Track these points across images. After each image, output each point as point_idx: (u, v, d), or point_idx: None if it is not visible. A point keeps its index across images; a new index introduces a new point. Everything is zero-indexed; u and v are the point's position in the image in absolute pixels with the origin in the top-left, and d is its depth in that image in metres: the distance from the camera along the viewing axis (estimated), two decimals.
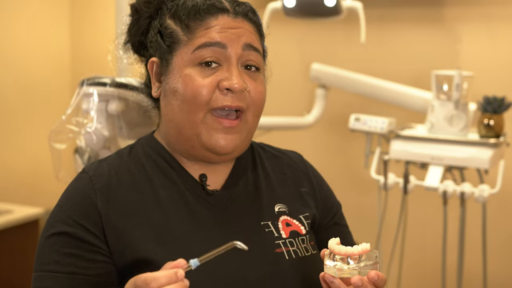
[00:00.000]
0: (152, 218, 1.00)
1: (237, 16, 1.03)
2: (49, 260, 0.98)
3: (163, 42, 1.04)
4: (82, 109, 1.81)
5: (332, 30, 2.91)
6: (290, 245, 1.07)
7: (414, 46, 2.80)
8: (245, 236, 1.04)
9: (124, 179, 1.04)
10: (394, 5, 2.82)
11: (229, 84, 0.99)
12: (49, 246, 0.99)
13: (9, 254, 2.73)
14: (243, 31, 1.03)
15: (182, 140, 1.05)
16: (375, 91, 2.50)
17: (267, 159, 1.17)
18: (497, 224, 2.68)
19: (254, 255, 1.02)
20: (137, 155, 1.09)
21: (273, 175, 1.15)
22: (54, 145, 1.83)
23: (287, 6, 2.37)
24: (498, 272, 2.71)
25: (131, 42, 1.15)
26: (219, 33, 1.00)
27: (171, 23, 1.05)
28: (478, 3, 2.67)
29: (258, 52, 1.05)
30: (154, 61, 1.07)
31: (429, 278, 2.82)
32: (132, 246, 0.98)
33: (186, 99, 1.00)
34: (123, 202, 1.01)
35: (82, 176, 1.05)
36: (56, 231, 0.99)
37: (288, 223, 1.10)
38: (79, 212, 1.00)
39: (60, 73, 3.50)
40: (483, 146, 2.13)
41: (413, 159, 2.23)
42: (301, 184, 1.17)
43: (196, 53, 1.00)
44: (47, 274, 0.98)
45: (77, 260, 0.97)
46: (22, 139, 3.29)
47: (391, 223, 2.65)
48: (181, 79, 1.01)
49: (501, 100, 2.15)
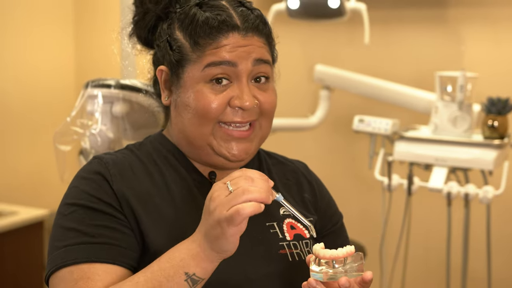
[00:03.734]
0: (164, 212, 1.00)
1: (247, 32, 1.02)
2: (77, 234, 0.95)
3: (172, 55, 1.04)
4: (86, 111, 1.81)
5: (335, 32, 2.91)
6: (294, 247, 1.07)
7: (418, 47, 2.79)
8: (250, 235, 1.03)
9: (138, 170, 1.04)
10: (398, 6, 2.82)
11: (240, 103, 1.00)
12: (73, 221, 0.96)
13: (15, 255, 2.74)
14: (253, 48, 1.02)
15: (195, 149, 1.06)
16: (379, 92, 2.49)
17: (272, 165, 1.18)
18: (501, 225, 2.67)
19: (258, 255, 1.02)
20: (147, 151, 1.09)
21: (278, 180, 1.16)
22: (58, 147, 1.84)
23: (291, 8, 2.37)
24: (503, 273, 2.70)
25: (137, 35, 1.13)
26: (229, 53, 1.00)
27: (180, 36, 1.03)
28: (481, 4, 2.66)
29: (268, 63, 1.05)
30: (163, 69, 1.06)
31: (433, 279, 2.81)
32: (146, 234, 0.98)
33: (197, 114, 1.01)
34: (137, 190, 1.01)
35: (95, 161, 1.04)
36: (80, 205, 0.97)
37: (293, 226, 1.10)
38: (100, 190, 0.99)
39: (64, 76, 3.51)
40: (487, 147, 2.13)
41: (417, 160, 2.23)
42: (304, 190, 1.17)
43: (206, 70, 1.00)
44: (78, 247, 0.94)
45: (107, 231, 0.95)
46: (26, 141, 3.30)
47: (395, 224, 2.65)
48: (193, 95, 1.01)
49: (505, 101, 2.15)
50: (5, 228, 2.66)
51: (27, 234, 2.78)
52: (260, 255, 1.03)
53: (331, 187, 1.24)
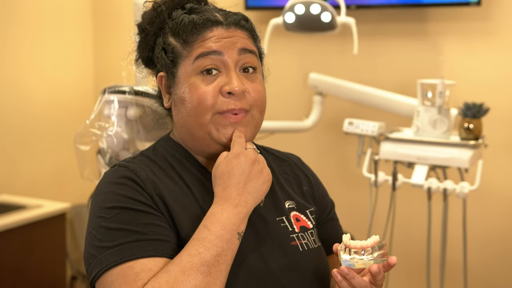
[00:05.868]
0: (190, 209, 0.99)
1: (229, 26, 1.02)
2: (127, 233, 0.91)
3: (167, 58, 1.03)
4: (104, 115, 1.81)
5: (328, 43, 2.91)
6: (302, 238, 1.06)
7: (401, 58, 2.79)
8: (267, 231, 1.03)
9: (159, 174, 1.01)
10: (383, 21, 2.82)
11: (230, 88, 0.98)
12: (119, 222, 0.92)
13: (40, 243, 2.75)
14: (237, 38, 1.01)
15: (197, 141, 1.04)
16: (367, 98, 2.49)
17: (272, 160, 1.17)
18: (476, 217, 2.67)
19: (274, 248, 1.01)
20: (162, 155, 1.07)
21: (279, 175, 1.14)
22: (79, 147, 1.83)
23: (287, 22, 2.36)
24: (477, 261, 2.70)
25: (142, 58, 1.13)
26: (215, 43, 0.99)
27: (173, 40, 1.03)
28: (458, 19, 2.66)
29: (253, 53, 1.03)
30: (162, 75, 1.06)
31: (415, 266, 2.81)
32: (180, 230, 0.96)
33: (193, 105, 1.00)
34: (165, 191, 0.98)
35: (122, 168, 1.00)
36: (122, 208, 0.93)
37: (298, 218, 1.09)
38: (136, 193, 0.95)
39: (84, 83, 3.51)
40: (463, 147, 2.13)
41: (401, 159, 2.22)
42: (302, 183, 1.16)
43: (196, 62, 0.99)
44: (131, 244, 0.90)
45: (155, 228, 0.93)
46: (50, 141, 3.30)
47: (381, 216, 2.65)
48: (187, 88, 1.00)
49: (480, 106, 2.15)
50: (31, 220, 2.67)
51: (51, 225, 2.79)
52: (277, 248, 1.02)
53: (324, 182, 1.23)
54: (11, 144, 3.11)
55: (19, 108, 3.14)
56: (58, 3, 3.33)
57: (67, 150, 3.26)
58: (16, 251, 2.63)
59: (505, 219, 2.66)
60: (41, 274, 2.77)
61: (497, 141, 2.56)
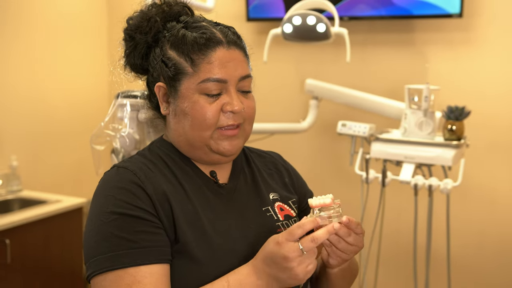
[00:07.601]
0: (184, 206, 0.99)
1: (230, 46, 1.01)
2: (120, 241, 0.91)
3: (169, 71, 1.02)
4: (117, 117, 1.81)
5: (323, 52, 2.91)
6: (286, 226, 1.08)
7: (390, 65, 2.79)
8: (254, 220, 1.04)
9: (156, 172, 1.01)
10: (374, 31, 2.82)
11: (231, 108, 1.00)
12: (115, 228, 0.92)
13: (59, 236, 2.75)
14: (237, 62, 1.02)
15: (194, 149, 1.04)
16: (359, 102, 2.49)
17: (255, 157, 1.19)
18: (459, 211, 2.67)
19: (262, 235, 1.02)
20: (157, 154, 1.06)
21: (263, 170, 1.16)
22: (94, 147, 1.84)
23: (285, 32, 2.36)
24: (460, 251, 2.70)
25: (130, 64, 1.10)
26: (219, 69, 0.99)
27: (174, 54, 1.01)
28: (442, 30, 2.66)
29: (249, 77, 1.05)
30: (161, 85, 1.04)
31: (403, 256, 2.81)
32: (178, 226, 0.96)
33: (197, 121, 1.00)
34: (163, 189, 0.98)
35: (121, 170, 0.99)
36: (119, 213, 0.93)
37: (282, 208, 1.11)
38: (135, 198, 0.94)
39: (99, 88, 3.51)
40: (447, 147, 2.13)
41: (390, 158, 2.22)
42: (284, 176, 1.18)
43: (202, 85, 0.99)
44: (123, 252, 0.90)
45: (147, 235, 0.92)
46: (68, 142, 3.30)
47: (372, 211, 2.65)
48: (191, 104, 1.00)
49: (462, 109, 2.14)
50: (51, 214, 2.67)
51: (69, 218, 2.79)
52: (264, 236, 1.01)
53: (319, 180, 1.24)
54: (33, 144, 3.11)
55: (41, 112, 3.14)
56: (74, 9, 3.33)
57: (84, 150, 3.27)
58: (37, 243, 2.63)
59: (484, 213, 2.65)
60: (60, 263, 2.77)
61: (478, 141, 2.56)
